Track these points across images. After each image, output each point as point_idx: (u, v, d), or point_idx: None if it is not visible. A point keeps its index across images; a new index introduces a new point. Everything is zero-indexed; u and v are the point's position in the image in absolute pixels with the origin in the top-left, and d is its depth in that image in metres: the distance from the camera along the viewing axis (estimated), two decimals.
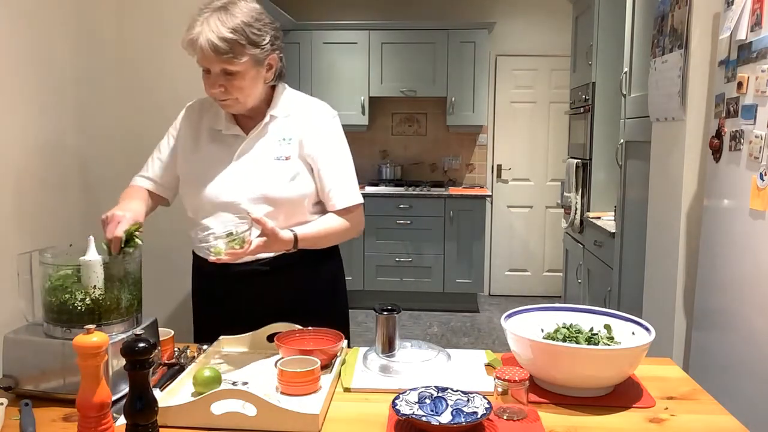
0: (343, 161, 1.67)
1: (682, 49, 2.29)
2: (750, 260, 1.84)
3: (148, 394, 1.07)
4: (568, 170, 4.05)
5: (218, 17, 1.46)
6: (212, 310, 1.72)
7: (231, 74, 1.50)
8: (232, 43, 1.45)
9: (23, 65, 1.81)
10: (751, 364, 1.82)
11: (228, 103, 1.56)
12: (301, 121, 1.63)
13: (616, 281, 3.22)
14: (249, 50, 1.49)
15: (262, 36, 1.51)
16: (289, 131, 1.62)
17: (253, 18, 1.50)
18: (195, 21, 1.47)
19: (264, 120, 1.61)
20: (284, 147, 1.60)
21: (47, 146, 1.94)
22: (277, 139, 1.61)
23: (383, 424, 1.19)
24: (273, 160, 1.59)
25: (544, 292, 5.58)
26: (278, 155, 1.59)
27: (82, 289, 1.29)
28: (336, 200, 1.62)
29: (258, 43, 1.50)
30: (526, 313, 1.48)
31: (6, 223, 1.73)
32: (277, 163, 1.59)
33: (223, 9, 1.48)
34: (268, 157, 1.60)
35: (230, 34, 1.45)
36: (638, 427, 1.20)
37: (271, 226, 1.43)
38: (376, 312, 1.48)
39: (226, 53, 1.46)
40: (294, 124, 1.63)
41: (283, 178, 1.58)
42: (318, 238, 1.59)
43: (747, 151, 1.86)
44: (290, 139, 1.61)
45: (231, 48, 1.46)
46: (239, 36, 1.46)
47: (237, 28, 1.46)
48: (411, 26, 5.23)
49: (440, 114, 5.53)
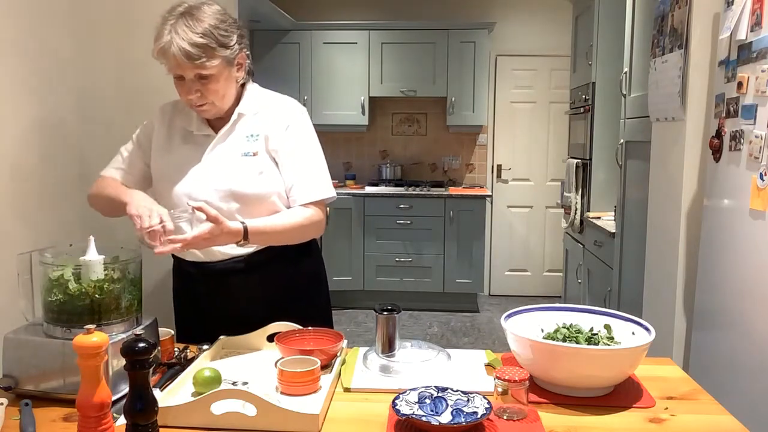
0: (308, 156, 1.65)
1: (682, 49, 2.29)
2: (750, 260, 1.84)
3: (148, 394, 1.07)
4: (568, 170, 4.05)
5: (185, 23, 1.46)
6: (191, 309, 1.73)
7: (205, 78, 1.51)
8: (203, 47, 1.46)
9: (23, 65, 1.81)
10: (751, 364, 1.82)
11: (205, 108, 1.57)
12: (268, 117, 1.64)
13: (616, 281, 3.22)
14: (220, 52, 1.50)
15: (229, 36, 1.52)
16: (256, 128, 1.63)
17: (218, 20, 1.51)
18: (162, 30, 1.47)
19: (232, 118, 1.62)
20: (251, 143, 1.61)
21: (47, 146, 1.94)
22: (245, 135, 1.62)
23: (383, 424, 1.19)
24: (240, 156, 1.60)
25: (544, 292, 5.58)
26: (245, 151, 1.60)
27: (82, 289, 1.29)
28: (297, 195, 1.61)
29: (227, 44, 1.51)
30: (526, 313, 1.48)
31: (6, 222, 1.73)
32: (244, 159, 1.59)
33: (188, 14, 1.48)
34: (236, 154, 1.60)
35: (200, 39, 1.46)
36: (638, 427, 1.20)
37: (214, 214, 1.43)
38: (376, 312, 1.48)
39: (199, 58, 1.46)
40: (261, 121, 1.63)
41: (249, 174, 1.58)
42: (272, 233, 1.56)
43: (747, 151, 1.86)
44: (257, 136, 1.61)
45: (203, 52, 1.46)
46: (209, 39, 1.47)
47: (206, 31, 1.47)
48: (411, 26, 5.23)
49: (440, 114, 5.53)
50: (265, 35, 5.17)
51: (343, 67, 5.25)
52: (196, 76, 1.50)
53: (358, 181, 5.51)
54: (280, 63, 5.19)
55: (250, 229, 1.50)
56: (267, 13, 4.67)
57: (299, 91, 5.19)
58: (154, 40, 1.48)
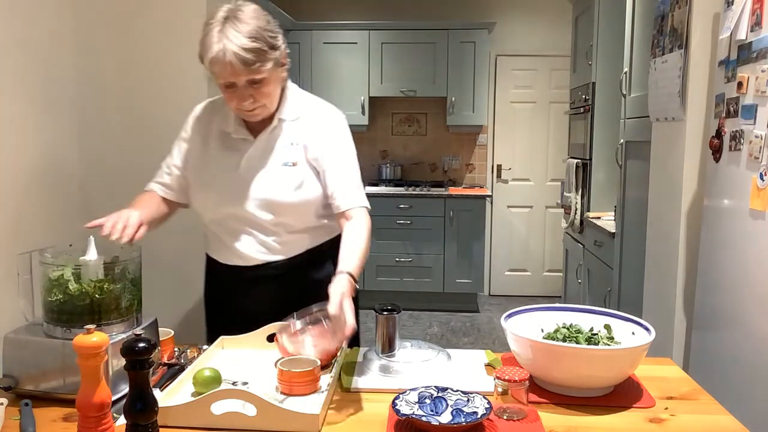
0: (348, 164, 1.62)
1: (682, 49, 2.29)
2: (750, 260, 1.84)
3: (148, 394, 1.07)
4: (568, 170, 4.05)
5: (233, 28, 1.41)
6: (225, 311, 1.71)
7: (257, 82, 1.46)
8: (256, 51, 1.41)
9: (23, 66, 1.81)
10: (751, 364, 1.82)
11: (256, 112, 1.52)
12: (309, 124, 1.60)
13: (616, 281, 3.22)
14: (271, 54, 1.45)
15: (276, 36, 1.48)
16: (297, 135, 1.59)
17: (264, 20, 1.47)
18: (209, 38, 1.41)
19: (272, 124, 1.59)
20: (291, 152, 1.58)
21: (47, 146, 1.94)
22: (285, 143, 1.59)
23: (383, 424, 1.19)
24: (280, 166, 1.57)
25: (544, 292, 5.58)
26: (285, 161, 1.57)
27: (82, 289, 1.29)
28: (340, 202, 1.58)
29: (276, 45, 1.47)
30: (526, 313, 1.48)
31: (6, 223, 1.73)
32: (284, 170, 1.57)
33: (233, 18, 1.42)
34: (276, 163, 1.57)
35: (252, 43, 1.40)
36: (638, 427, 1.20)
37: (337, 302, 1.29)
38: (376, 312, 1.48)
39: (254, 63, 1.41)
40: (301, 128, 1.60)
41: (289, 185, 1.56)
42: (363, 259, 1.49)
43: (747, 151, 1.86)
44: (297, 144, 1.59)
45: (257, 56, 1.41)
46: (261, 43, 1.42)
47: (256, 34, 1.42)
48: (411, 26, 5.23)
49: (440, 114, 5.53)
50: None
51: (343, 67, 5.25)
52: (248, 81, 1.45)
53: None
54: None
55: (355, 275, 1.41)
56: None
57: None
58: (203, 50, 1.42)
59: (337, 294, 1.30)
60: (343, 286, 1.34)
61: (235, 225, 1.61)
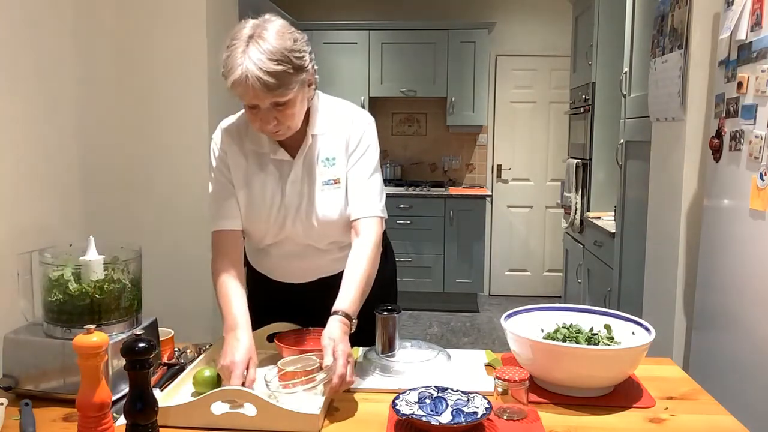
0: (365, 171, 1.55)
1: (682, 49, 2.29)
2: (750, 260, 1.84)
3: (148, 394, 1.07)
4: (568, 170, 4.05)
5: (256, 48, 1.31)
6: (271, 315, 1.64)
7: (282, 105, 1.37)
8: (280, 74, 1.32)
9: (23, 65, 1.81)
10: (751, 364, 1.82)
11: (280, 134, 1.45)
12: (340, 136, 1.54)
13: (616, 281, 3.22)
14: (297, 77, 1.36)
15: (303, 57, 1.38)
16: (331, 149, 1.54)
17: (291, 39, 1.35)
18: (233, 59, 1.32)
19: (307, 141, 1.52)
20: (330, 169, 1.53)
21: (47, 146, 1.94)
22: (322, 160, 1.53)
23: (383, 424, 1.19)
24: (322, 186, 1.52)
25: (544, 292, 5.58)
26: (326, 179, 1.52)
27: (82, 289, 1.29)
28: (350, 211, 1.53)
29: (303, 67, 1.38)
30: (526, 313, 1.48)
31: (6, 223, 1.73)
32: (326, 189, 1.52)
33: (258, 37, 1.32)
34: (317, 183, 1.52)
35: (276, 66, 1.31)
36: (638, 427, 1.20)
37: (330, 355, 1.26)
38: (376, 312, 1.48)
39: (278, 87, 1.33)
40: (334, 140, 1.54)
41: (335, 205, 1.52)
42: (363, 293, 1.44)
43: (747, 151, 1.86)
44: (333, 159, 1.53)
45: (281, 80, 1.32)
46: (286, 66, 1.32)
47: (282, 57, 1.32)
48: (411, 26, 5.23)
49: (440, 114, 5.53)
50: None
51: (343, 67, 5.25)
52: (272, 104, 1.37)
53: None
54: None
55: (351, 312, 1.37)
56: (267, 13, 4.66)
57: None
58: (226, 71, 1.33)
59: (330, 342, 1.27)
60: (335, 331, 1.31)
61: (289, 247, 1.57)
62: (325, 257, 1.59)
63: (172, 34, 2.24)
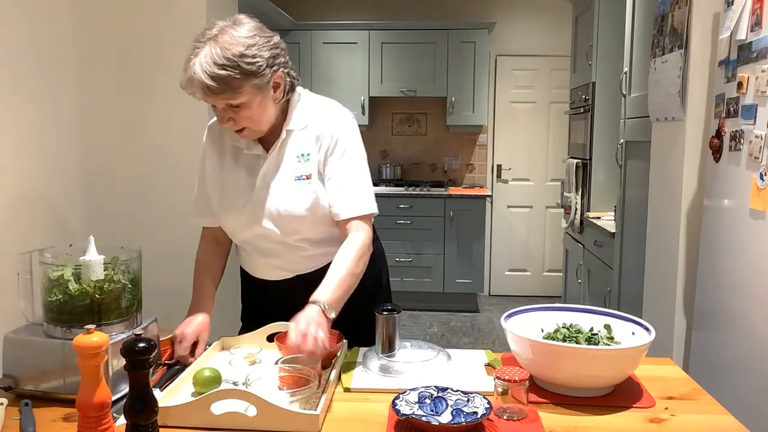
0: (351, 169, 1.55)
1: (682, 49, 2.29)
2: (750, 260, 1.84)
3: (148, 394, 1.07)
4: (568, 170, 4.05)
5: (210, 52, 1.35)
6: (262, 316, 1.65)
7: (237, 106, 1.41)
8: (225, 79, 1.35)
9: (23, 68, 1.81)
10: (751, 364, 1.82)
11: (244, 134, 1.49)
12: (316, 132, 1.55)
13: (616, 281, 3.22)
14: (247, 81, 1.38)
15: (256, 62, 1.39)
16: (306, 145, 1.54)
17: (245, 45, 1.37)
18: (188, 59, 1.37)
19: (281, 136, 1.54)
20: (303, 164, 1.54)
21: (47, 146, 1.94)
22: (295, 155, 1.54)
23: (383, 424, 1.19)
24: (293, 181, 1.53)
25: (544, 292, 5.58)
26: (298, 174, 1.53)
27: (82, 289, 1.29)
28: (338, 210, 1.53)
29: (254, 73, 1.39)
30: (526, 313, 1.48)
31: (6, 223, 1.73)
32: (297, 184, 1.52)
33: (213, 40, 1.36)
34: (288, 178, 1.53)
35: (220, 71, 1.34)
36: (638, 427, 1.20)
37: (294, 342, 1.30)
38: (376, 312, 1.48)
39: (223, 91, 1.37)
40: (309, 137, 1.55)
41: (304, 201, 1.52)
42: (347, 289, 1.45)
43: (747, 151, 1.86)
44: (308, 155, 1.54)
45: (226, 84, 1.36)
46: (232, 71, 1.35)
47: (228, 63, 1.35)
48: (411, 26, 5.23)
49: (440, 114, 5.53)
50: None
51: (343, 67, 5.25)
52: (227, 105, 1.41)
53: None
54: None
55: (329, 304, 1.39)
56: (267, 13, 4.66)
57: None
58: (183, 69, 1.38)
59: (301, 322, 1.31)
60: (309, 314, 1.34)
61: (263, 244, 1.59)
62: (297, 253, 1.58)
63: (172, 33, 2.24)
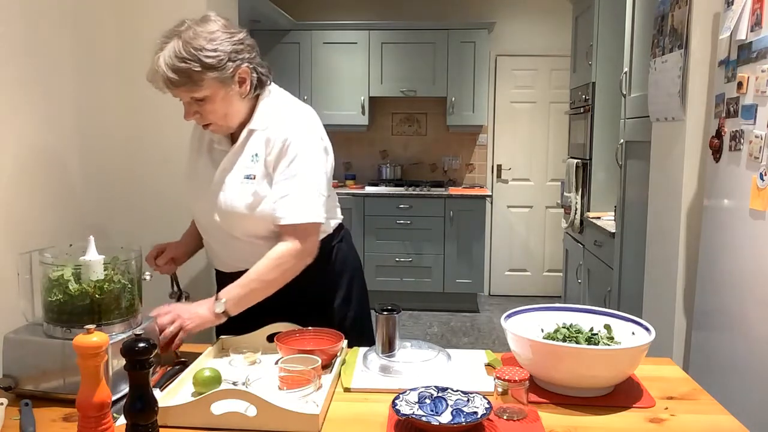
0: (297, 175, 1.53)
1: (682, 49, 2.29)
2: (750, 260, 1.84)
3: (148, 394, 1.07)
4: (568, 170, 4.05)
5: (172, 46, 1.42)
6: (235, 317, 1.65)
7: (201, 100, 1.47)
8: (185, 71, 1.41)
9: (21, 65, 1.81)
10: (751, 364, 1.82)
11: (212, 128, 1.55)
12: (271, 134, 1.55)
13: (616, 281, 3.22)
14: (207, 74, 1.43)
15: (217, 56, 1.43)
16: (260, 147, 1.56)
17: (207, 40, 1.43)
18: (155, 52, 1.44)
19: (242, 135, 1.57)
20: (254, 164, 1.56)
21: (47, 145, 1.94)
22: (250, 155, 1.57)
23: (383, 424, 1.19)
24: (242, 179, 1.56)
25: (544, 292, 5.58)
26: (247, 173, 1.56)
27: (82, 289, 1.29)
28: (279, 213, 1.52)
29: (214, 66, 1.43)
30: (526, 313, 1.48)
31: (6, 223, 1.73)
32: (243, 183, 1.55)
33: (176, 35, 1.43)
34: (238, 176, 1.57)
35: (181, 63, 1.40)
36: (638, 427, 1.20)
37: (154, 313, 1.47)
38: (376, 312, 1.48)
39: (184, 84, 1.42)
40: (264, 139, 1.56)
41: (244, 199, 1.55)
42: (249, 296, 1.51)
43: (747, 151, 1.86)
44: (259, 156, 1.55)
45: (187, 76, 1.42)
46: (192, 63, 1.41)
47: (187, 56, 1.41)
48: (411, 26, 5.23)
49: (440, 114, 5.53)
50: (265, 35, 5.17)
51: (343, 67, 5.25)
52: (191, 98, 1.47)
53: (358, 181, 5.51)
54: (280, 63, 5.18)
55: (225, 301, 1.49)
56: (267, 13, 4.67)
57: (299, 91, 5.19)
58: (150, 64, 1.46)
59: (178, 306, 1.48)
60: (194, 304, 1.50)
61: (215, 234, 1.65)
62: (247, 247, 1.60)
63: None
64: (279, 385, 1.33)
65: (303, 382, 1.29)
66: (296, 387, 1.29)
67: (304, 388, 1.27)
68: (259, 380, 1.36)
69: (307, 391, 1.27)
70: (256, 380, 1.36)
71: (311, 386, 1.28)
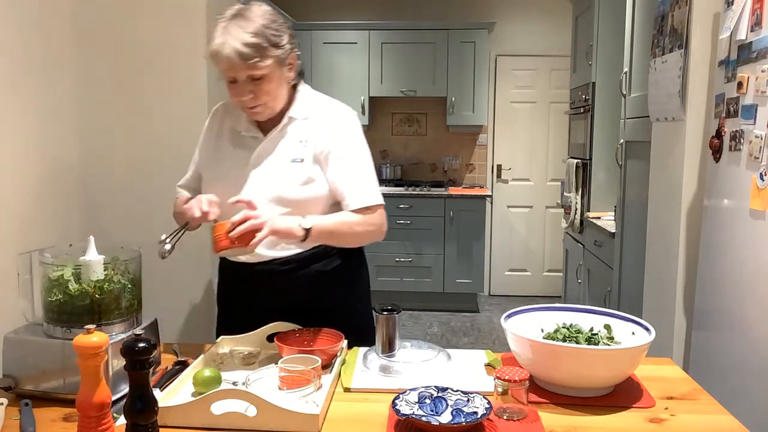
0: (358, 160, 1.62)
1: (682, 49, 2.29)
2: (750, 260, 1.84)
3: (148, 394, 1.07)
4: (568, 170, 4.05)
5: (237, 24, 1.47)
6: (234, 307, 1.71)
7: (258, 79, 1.50)
8: (255, 47, 1.46)
9: (22, 66, 1.81)
10: (750, 364, 1.82)
11: (258, 110, 1.56)
12: (318, 122, 1.62)
13: (616, 281, 3.22)
14: (272, 52, 1.49)
15: (281, 35, 1.52)
16: (306, 133, 1.61)
17: (269, 20, 1.51)
18: (214, 32, 1.48)
19: (282, 122, 1.61)
20: (300, 149, 1.59)
21: (48, 146, 1.94)
22: (295, 140, 1.61)
23: (383, 424, 1.19)
24: (289, 162, 1.58)
25: (544, 292, 5.58)
26: (294, 157, 1.59)
27: (82, 289, 1.29)
28: (350, 200, 1.59)
29: (279, 44, 1.51)
30: (526, 313, 1.48)
31: (6, 223, 1.73)
32: (291, 165, 1.58)
33: (240, 16, 1.49)
34: (285, 159, 1.59)
35: (252, 38, 1.45)
36: (638, 427, 1.20)
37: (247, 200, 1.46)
38: (376, 312, 1.48)
39: (252, 58, 1.46)
40: (311, 127, 1.61)
41: (295, 181, 1.57)
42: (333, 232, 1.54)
43: (747, 151, 1.86)
44: (306, 141, 1.60)
45: (256, 52, 1.46)
46: (261, 39, 1.47)
47: (257, 31, 1.47)
48: (411, 26, 5.23)
49: (440, 114, 5.52)
50: None
51: (343, 67, 5.25)
52: (248, 77, 1.49)
53: None
54: None
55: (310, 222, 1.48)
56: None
57: None
58: (207, 42, 1.49)
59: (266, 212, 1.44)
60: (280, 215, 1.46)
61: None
62: None
63: (172, 33, 2.24)
64: (279, 385, 1.33)
65: (303, 382, 1.29)
66: (296, 387, 1.29)
67: (304, 388, 1.27)
68: (259, 380, 1.36)
69: (307, 391, 1.27)
70: (256, 380, 1.36)
71: (311, 386, 1.28)
